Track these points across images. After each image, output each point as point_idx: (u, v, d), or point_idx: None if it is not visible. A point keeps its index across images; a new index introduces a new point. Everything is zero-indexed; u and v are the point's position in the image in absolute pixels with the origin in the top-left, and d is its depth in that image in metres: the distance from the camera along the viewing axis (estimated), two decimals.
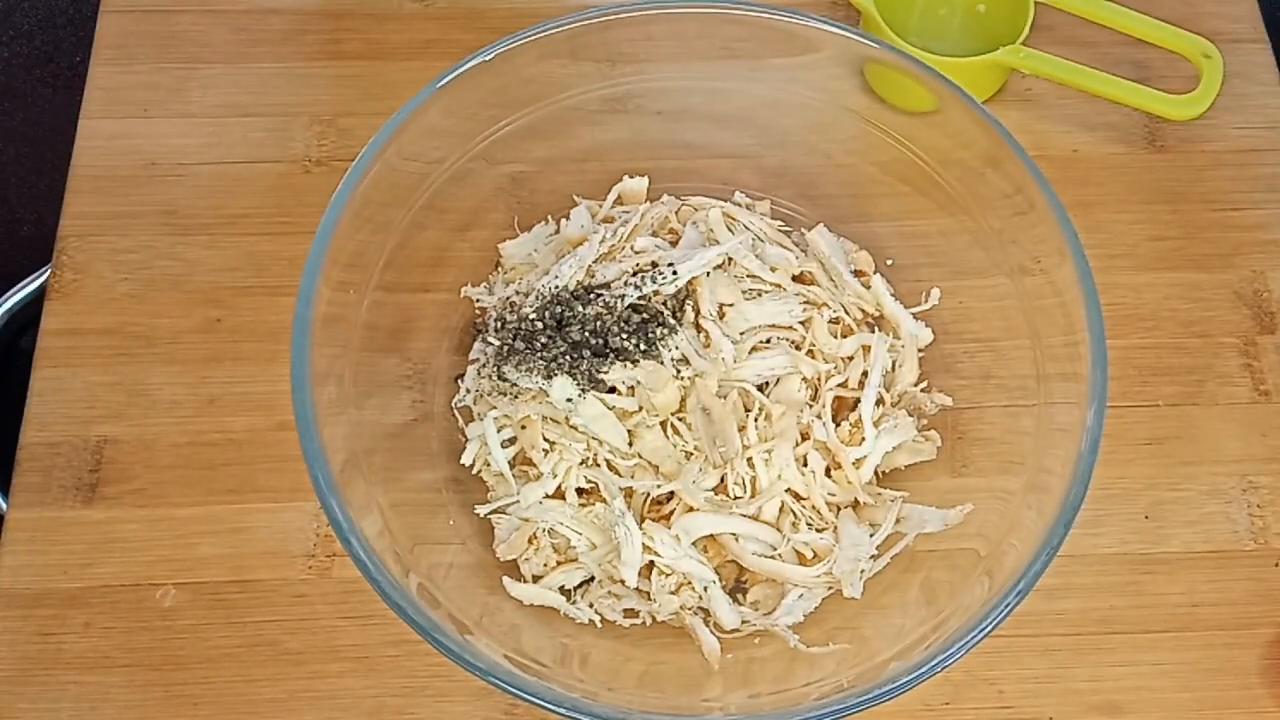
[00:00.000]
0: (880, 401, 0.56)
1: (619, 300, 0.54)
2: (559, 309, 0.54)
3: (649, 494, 0.53)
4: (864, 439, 0.54)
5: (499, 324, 0.56)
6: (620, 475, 0.53)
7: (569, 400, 0.52)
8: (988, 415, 0.56)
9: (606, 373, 0.53)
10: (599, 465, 0.53)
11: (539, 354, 0.53)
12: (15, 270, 0.80)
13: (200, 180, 0.65)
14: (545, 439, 0.53)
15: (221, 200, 0.64)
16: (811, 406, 0.55)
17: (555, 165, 0.61)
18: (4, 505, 0.58)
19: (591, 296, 0.54)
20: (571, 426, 0.53)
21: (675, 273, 0.55)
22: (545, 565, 0.53)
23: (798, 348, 0.56)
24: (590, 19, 0.55)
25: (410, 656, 0.54)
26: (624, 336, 0.53)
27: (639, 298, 0.54)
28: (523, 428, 0.54)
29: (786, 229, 0.61)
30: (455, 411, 0.57)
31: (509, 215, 0.61)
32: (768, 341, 0.56)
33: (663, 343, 0.53)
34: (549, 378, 0.52)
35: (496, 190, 0.60)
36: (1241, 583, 0.56)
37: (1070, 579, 0.56)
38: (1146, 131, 0.67)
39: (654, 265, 0.55)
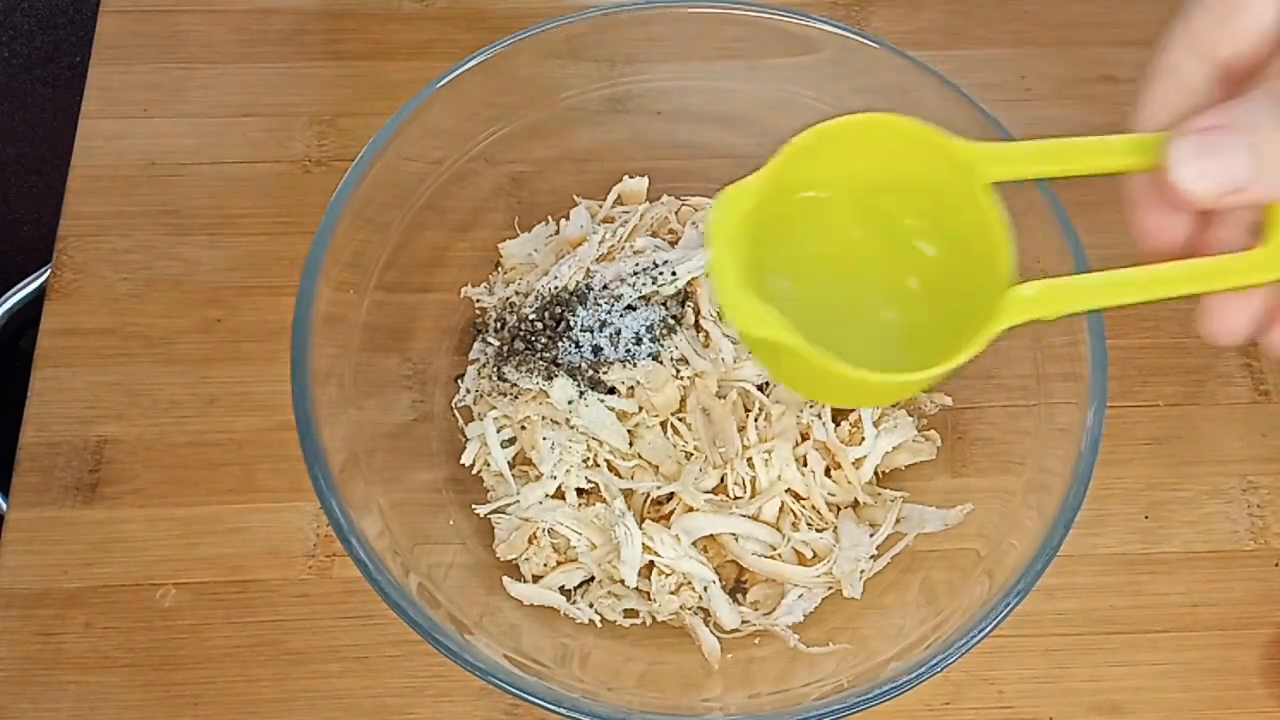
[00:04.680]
0: None
1: (618, 300, 0.54)
2: (559, 309, 0.54)
3: (649, 494, 0.53)
4: (864, 439, 0.54)
5: (499, 324, 0.56)
6: (620, 476, 0.53)
7: (569, 401, 0.52)
8: (988, 415, 0.56)
9: (606, 373, 0.53)
10: (599, 466, 0.53)
11: (539, 354, 0.53)
12: (15, 270, 0.80)
13: (200, 180, 0.65)
14: (545, 439, 0.53)
15: (221, 200, 0.64)
16: (811, 406, 0.55)
17: (555, 165, 0.61)
18: (4, 505, 0.58)
19: (591, 297, 0.54)
20: (571, 427, 0.53)
21: (675, 274, 0.55)
22: (545, 565, 0.53)
23: None
24: (590, 19, 0.55)
25: (410, 657, 0.54)
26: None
27: (638, 298, 0.55)
28: (522, 428, 0.54)
29: None
30: (455, 411, 0.57)
31: (509, 215, 0.61)
32: None
33: (662, 343, 0.53)
34: (549, 378, 0.52)
35: (496, 190, 0.60)
36: (1242, 583, 0.56)
37: (1070, 579, 0.56)
38: None
39: (654, 265, 0.55)
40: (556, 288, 0.55)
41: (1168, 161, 0.32)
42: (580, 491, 0.54)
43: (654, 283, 0.54)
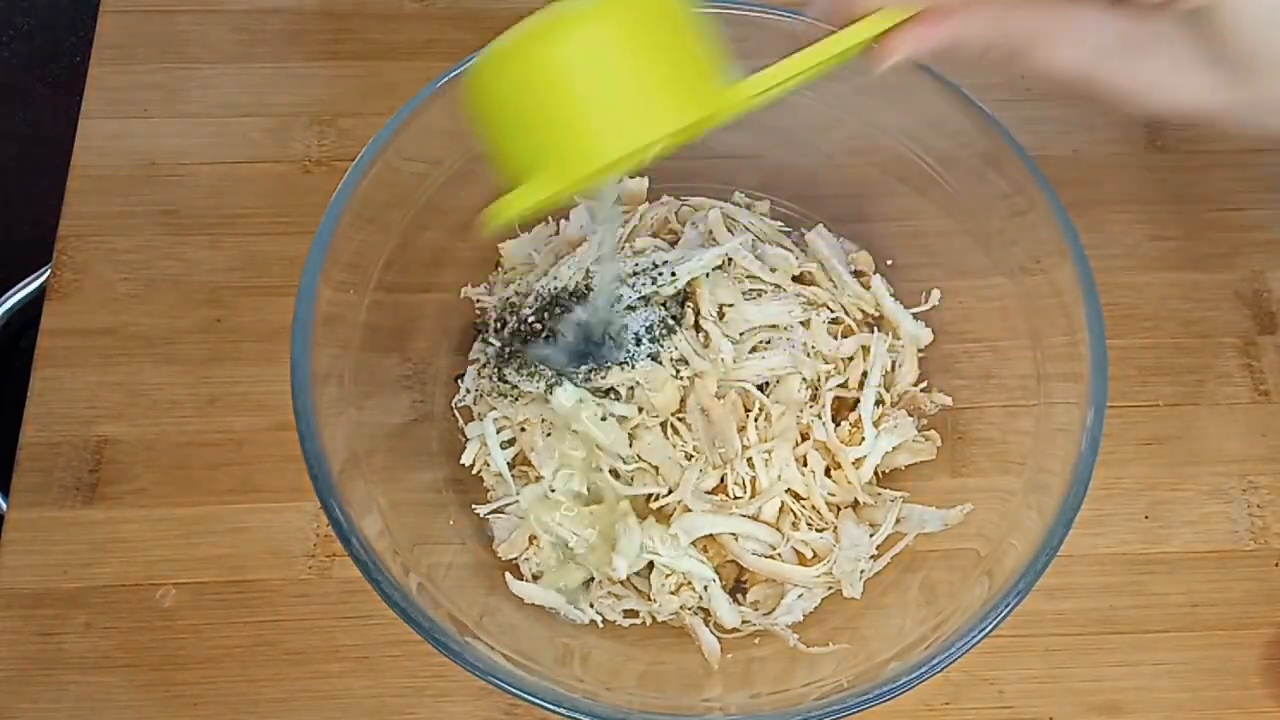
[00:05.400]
0: (880, 401, 0.56)
1: (619, 301, 0.54)
2: (558, 310, 0.54)
3: (650, 495, 0.53)
4: (864, 439, 0.54)
5: (499, 325, 0.56)
6: (620, 478, 0.53)
7: (569, 404, 0.52)
8: (988, 415, 0.56)
9: (604, 376, 0.53)
10: (599, 468, 0.53)
11: (539, 356, 0.53)
12: (15, 270, 0.80)
13: (200, 180, 0.65)
14: (545, 440, 0.53)
15: (221, 200, 0.64)
16: (811, 406, 0.55)
17: None
18: (4, 505, 0.58)
19: (591, 297, 0.54)
20: (573, 431, 0.53)
21: (674, 274, 0.55)
22: (545, 565, 0.53)
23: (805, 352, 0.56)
24: None
25: (410, 657, 0.54)
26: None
27: (638, 298, 0.54)
28: (522, 429, 0.53)
29: (786, 229, 0.61)
30: (455, 411, 0.57)
31: None
32: (768, 342, 0.56)
33: (661, 343, 0.53)
34: (549, 381, 0.52)
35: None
36: (1241, 583, 0.56)
37: (1070, 579, 0.56)
38: (1147, 131, 0.67)
39: (653, 266, 0.55)
40: (555, 288, 0.55)
41: (883, 50, 0.40)
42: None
43: (654, 283, 0.54)
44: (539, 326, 0.54)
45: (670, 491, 0.53)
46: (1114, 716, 0.53)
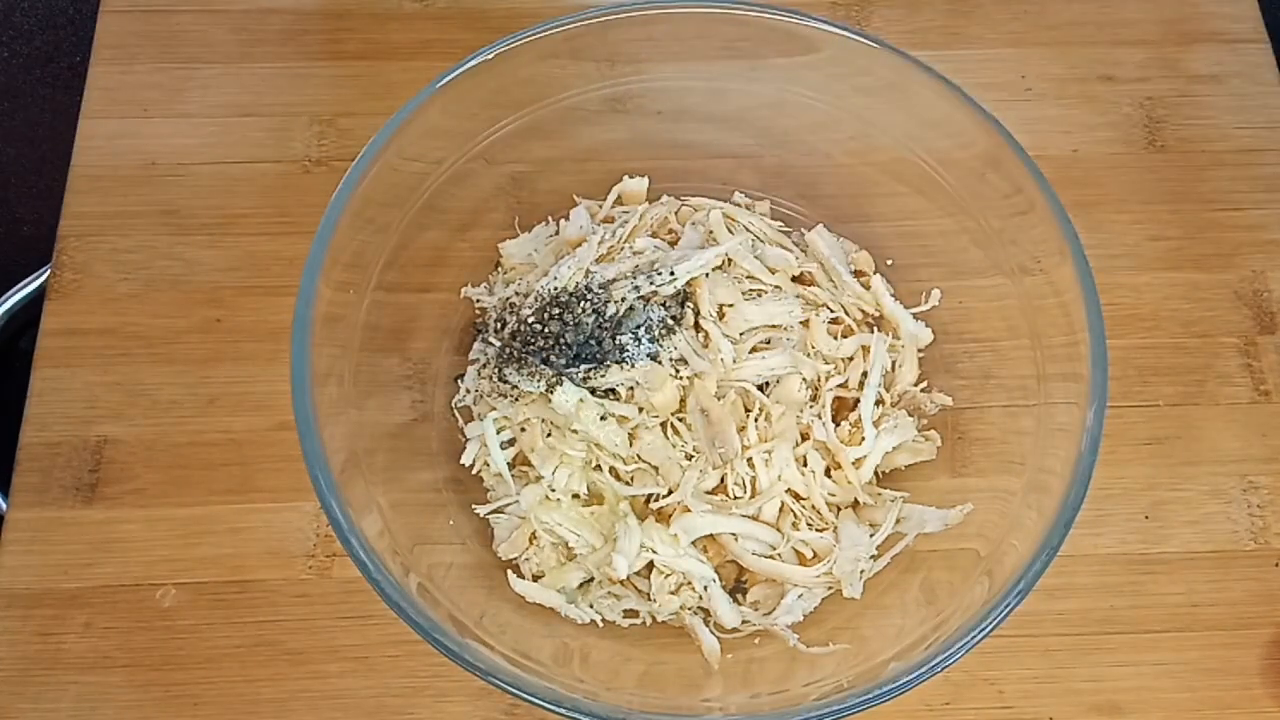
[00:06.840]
0: (880, 401, 0.56)
1: (620, 302, 0.54)
2: (558, 310, 0.54)
3: (650, 495, 0.53)
4: (864, 439, 0.54)
5: (499, 325, 0.55)
6: (620, 478, 0.53)
7: (569, 404, 0.52)
8: (988, 415, 0.56)
9: (604, 376, 0.53)
10: (599, 468, 0.53)
11: (539, 356, 0.53)
12: (15, 270, 0.80)
13: (200, 180, 0.65)
14: (545, 442, 0.53)
15: (221, 200, 0.64)
16: (811, 406, 0.55)
17: (555, 165, 0.61)
18: (4, 505, 0.58)
19: (590, 297, 0.54)
20: (573, 431, 0.53)
21: (674, 274, 0.55)
22: (545, 565, 0.53)
23: (805, 352, 0.56)
24: (590, 19, 0.55)
25: (410, 656, 0.54)
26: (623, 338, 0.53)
27: (638, 298, 0.54)
28: (522, 430, 0.53)
29: (786, 229, 0.61)
30: (455, 411, 0.57)
31: (509, 215, 0.61)
32: (767, 342, 0.56)
33: (661, 343, 0.53)
34: (550, 382, 0.52)
35: (496, 190, 0.60)
36: (1242, 583, 0.56)
37: (1070, 579, 0.56)
38: (1146, 131, 0.67)
39: (653, 266, 0.55)
40: (555, 289, 0.55)
41: None
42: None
43: (653, 284, 0.54)
44: (539, 326, 0.54)
45: (670, 492, 0.53)
46: (1114, 717, 0.53)
